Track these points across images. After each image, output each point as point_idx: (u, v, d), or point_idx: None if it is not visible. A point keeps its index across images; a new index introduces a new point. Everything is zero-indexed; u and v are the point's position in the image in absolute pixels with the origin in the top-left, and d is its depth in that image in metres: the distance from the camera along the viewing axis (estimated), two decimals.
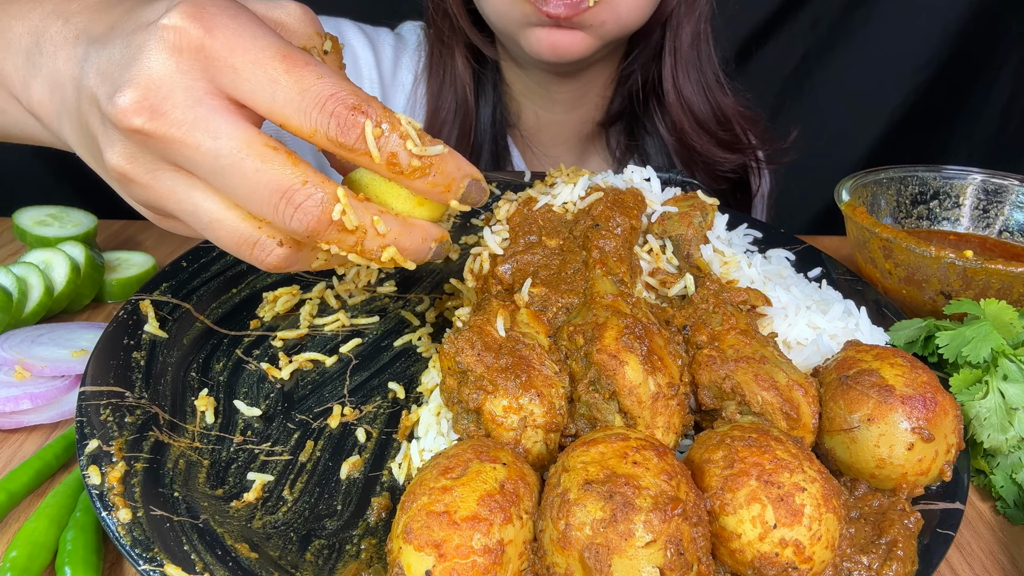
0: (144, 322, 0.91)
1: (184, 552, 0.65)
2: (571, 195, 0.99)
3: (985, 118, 2.23)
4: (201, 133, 0.58)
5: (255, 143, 0.59)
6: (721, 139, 1.46)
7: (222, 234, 0.63)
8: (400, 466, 0.80)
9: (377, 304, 1.05)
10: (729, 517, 0.62)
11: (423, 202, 0.66)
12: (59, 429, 0.89)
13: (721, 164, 1.48)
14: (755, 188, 1.58)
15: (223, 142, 0.58)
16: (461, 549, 0.57)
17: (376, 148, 0.59)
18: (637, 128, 1.54)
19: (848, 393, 0.74)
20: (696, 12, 1.39)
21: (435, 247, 0.68)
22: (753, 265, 0.95)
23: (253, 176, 0.58)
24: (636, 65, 1.46)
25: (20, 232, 1.20)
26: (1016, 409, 0.83)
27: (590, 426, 0.74)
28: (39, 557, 0.70)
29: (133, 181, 0.63)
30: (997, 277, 0.99)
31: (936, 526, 0.72)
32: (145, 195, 0.64)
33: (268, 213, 0.60)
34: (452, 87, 1.47)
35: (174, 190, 0.62)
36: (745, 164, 1.53)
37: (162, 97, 0.58)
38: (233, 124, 0.59)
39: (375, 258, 0.65)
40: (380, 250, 0.64)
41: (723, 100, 1.47)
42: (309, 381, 0.91)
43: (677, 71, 1.42)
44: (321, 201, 0.59)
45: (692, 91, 1.43)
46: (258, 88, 0.58)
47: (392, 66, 1.53)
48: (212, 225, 0.63)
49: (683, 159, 1.50)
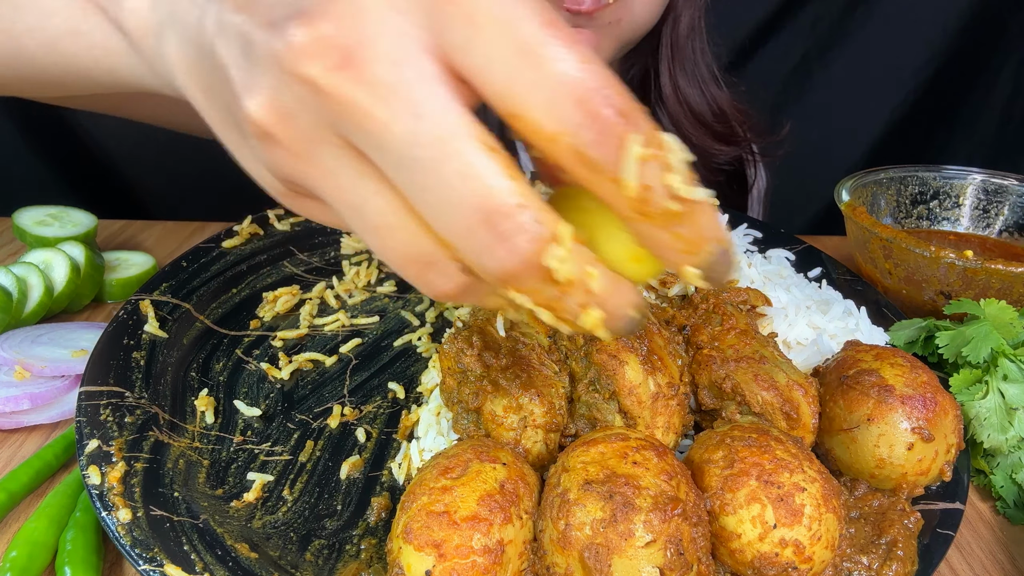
0: (144, 322, 0.91)
1: (184, 552, 0.65)
2: None
3: (985, 118, 2.23)
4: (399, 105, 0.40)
5: (469, 137, 0.40)
6: (717, 132, 1.46)
7: (392, 244, 0.46)
8: (400, 466, 0.80)
9: (377, 304, 1.05)
10: (729, 517, 0.62)
11: (641, 258, 0.47)
12: (59, 429, 0.89)
13: (717, 156, 1.48)
14: (751, 180, 1.58)
15: (425, 125, 0.40)
16: (461, 549, 0.57)
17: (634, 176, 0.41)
18: None
19: (848, 393, 0.74)
20: (694, 5, 1.39)
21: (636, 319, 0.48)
22: (753, 265, 0.95)
23: (454, 182, 0.40)
24: (635, 57, 1.46)
25: (20, 232, 1.20)
26: (1016, 409, 0.83)
27: (590, 426, 0.74)
28: (39, 557, 0.70)
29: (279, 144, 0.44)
30: (997, 277, 0.99)
31: (936, 526, 0.72)
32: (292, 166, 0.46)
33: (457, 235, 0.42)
34: None
35: (334, 172, 0.45)
36: (741, 156, 1.53)
37: (359, 41, 0.40)
38: (446, 103, 0.41)
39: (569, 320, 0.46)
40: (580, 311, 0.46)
41: (718, 93, 1.47)
42: (309, 381, 0.91)
43: (674, 63, 1.42)
44: (535, 238, 0.41)
45: (688, 84, 1.43)
46: (497, 59, 0.40)
47: None
48: (381, 230, 0.45)
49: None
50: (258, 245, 1.10)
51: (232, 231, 1.10)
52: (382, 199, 0.44)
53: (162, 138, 1.72)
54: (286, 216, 1.16)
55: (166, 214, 1.48)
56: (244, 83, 0.44)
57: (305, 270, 1.10)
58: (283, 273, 1.08)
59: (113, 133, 1.79)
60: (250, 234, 1.11)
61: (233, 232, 1.10)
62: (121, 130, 1.73)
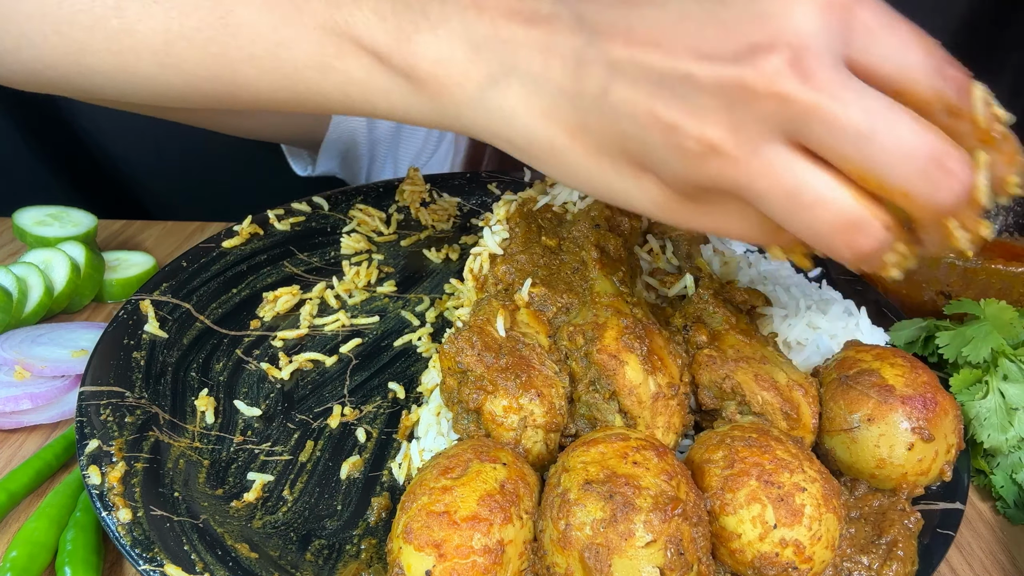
0: (144, 322, 0.91)
1: (184, 552, 0.65)
2: (571, 195, 0.99)
3: None
4: (849, 94, 0.52)
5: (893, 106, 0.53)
6: None
7: (826, 216, 0.55)
8: (400, 466, 0.80)
9: (377, 304, 1.05)
10: (729, 517, 0.62)
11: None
12: (59, 429, 0.89)
13: None
14: None
15: (871, 102, 0.52)
16: (461, 549, 0.57)
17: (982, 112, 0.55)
18: None
19: (848, 393, 0.74)
20: None
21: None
22: (753, 265, 0.95)
23: (909, 138, 0.52)
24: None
25: (20, 232, 1.20)
26: (1016, 409, 0.83)
27: (590, 426, 0.74)
28: (39, 557, 0.70)
29: (725, 155, 0.55)
30: (997, 277, 0.99)
31: (936, 526, 0.72)
32: (732, 171, 0.56)
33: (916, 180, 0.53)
34: None
35: (773, 164, 0.55)
36: None
37: (811, 56, 0.52)
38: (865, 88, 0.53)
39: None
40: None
41: None
42: (309, 381, 0.91)
43: None
44: (970, 169, 0.54)
45: None
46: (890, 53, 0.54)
47: None
48: (815, 204, 0.55)
49: None
50: (258, 245, 1.10)
51: (232, 231, 1.10)
52: (819, 179, 0.54)
53: (162, 138, 1.72)
54: (286, 216, 1.16)
55: (166, 214, 1.48)
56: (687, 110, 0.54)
57: (305, 270, 1.10)
58: (283, 273, 1.08)
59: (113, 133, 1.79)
60: (250, 234, 1.11)
61: (233, 232, 1.10)
62: (121, 130, 1.73)
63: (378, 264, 1.12)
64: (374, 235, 1.19)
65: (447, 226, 1.23)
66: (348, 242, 1.15)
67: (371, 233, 1.19)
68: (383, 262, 1.14)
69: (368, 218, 1.20)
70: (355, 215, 1.20)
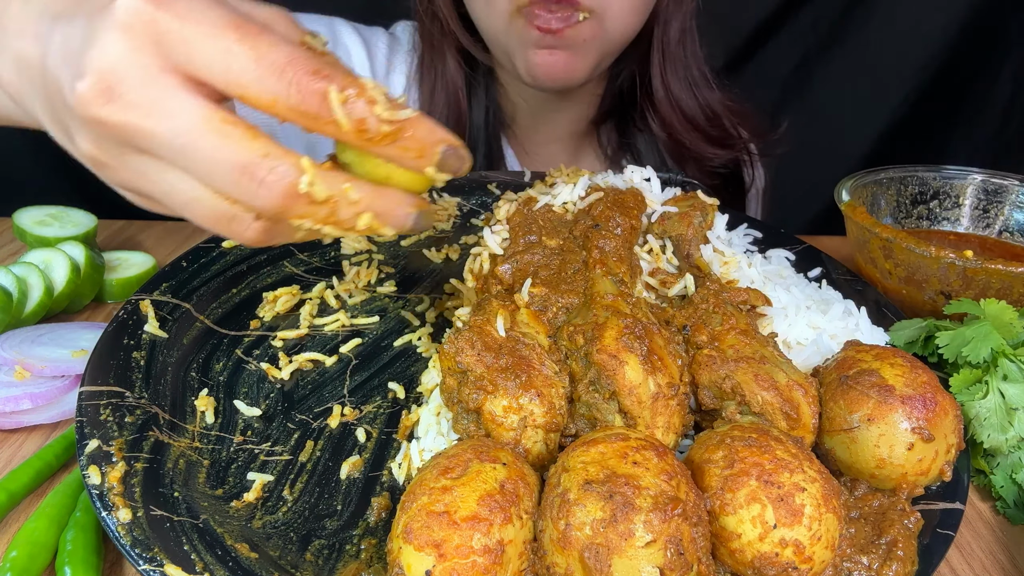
0: (144, 322, 0.91)
1: (184, 552, 0.65)
2: (571, 195, 0.99)
3: (985, 118, 2.23)
4: (157, 115, 0.57)
5: (212, 119, 0.57)
6: (710, 135, 1.47)
7: (200, 212, 0.62)
8: (400, 466, 0.80)
9: (377, 304, 1.05)
10: (729, 517, 0.62)
11: (404, 176, 0.64)
12: (59, 429, 0.89)
13: (711, 160, 1.48)
14: (748, 182, 1.58)
15: (179, 121, 0.57)
16: (461, 549, 0.57)
17: (343, 114, 0.57)
18: (628, 126, 1.55)
19: (848, 393, 0.74)
20: (683, 8, 1.39)
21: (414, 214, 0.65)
22: (753, 265, 0.95)
23: (212, 154, 0.57)
24: (625, 62, 1.46)
25: (20, 232, 1.20)
26: (1016, 409, 0.83)
27: (590, 426, 0.74)
28: (39, 557, 0.70)
29: (105, 165, 0.62)
30: (997, 277, 0.99)
31: (936, 526, 0.72)
32: (120, 178, 0.64)
33: (232, 190, 0.59)
34: (444, 91, 1.47)
35: (146, 172, 0.62)
36: (736, 159, 1.53)
37: (117, 80, 0.57)
38: (189, 102, 0.57)
39: (351, 227, 0.63)
40: (355, 218, 0.62)
41: (710, 96, 1.47)
42: (309, 381, 0.91)
43: (665, 68, 1.42)
44: (284, 174, 0.58)
45: (680, 87, 1.43)
46: (213, 60, 0.57)
47: (385, 68, 1.53)
48: (190, 204, 0.62)
49: (674, 156, 1.50)
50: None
51: None
52: (183, 182, 0.61)
53: None
54: None
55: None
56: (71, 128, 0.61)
57: (305, 270, 1.10)
58: (283, 273, 1.08)
59: None
60: None
61: None
62: None
63: (378, 264, 1.12)
64: (374, 235, 1.19)
65: (447, 226, 1.23)
66: (348, 242, 1.15)
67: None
68: (383, 262, 1.14)
69: None
70: None
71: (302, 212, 0.59)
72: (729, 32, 2.19)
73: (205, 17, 0.57)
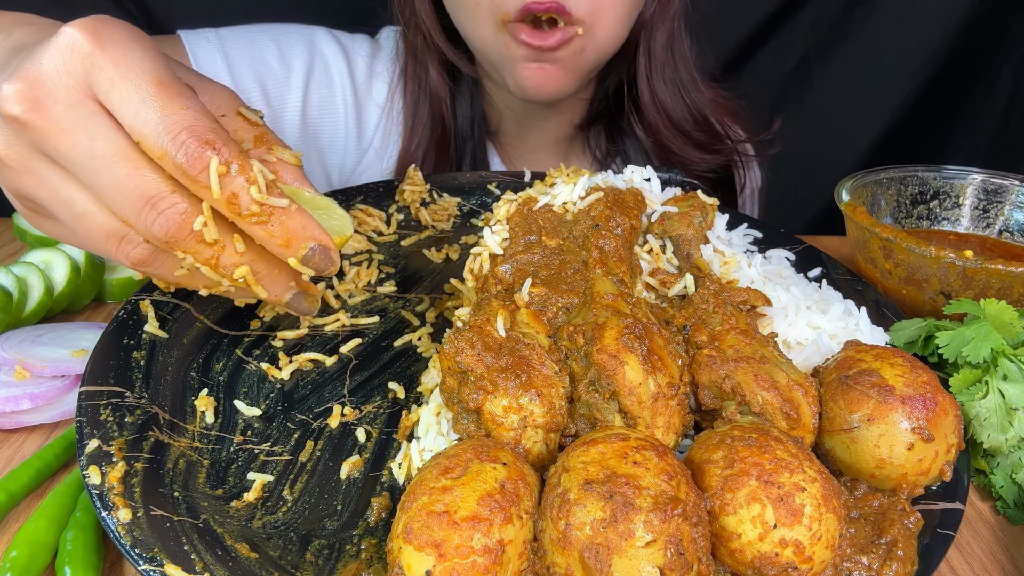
0: (144, 322, 0.91)
1: (184, 552, 0.65)
2: (571, 195, 0.99)
3: (985, 118, 2.23)
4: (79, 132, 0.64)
5: (130, 150, 0.64)
6: (696, 140, 1.46)
7: (92, 226, 0.68)
8: (400, 466, 0.80)
9: (377, 304, 1.05)
10: (729, 517, 0.62)
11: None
12: (59, 429, 0.89)
13: (697, 164, 1.48)
14: (739, 184, 1.58)
15: (98, 144, 0.64)
16: (461, 549, 0.57)
17: (217, 184, 0.64)
18: (616, 130, 1.55)
19: (848, 393, 0.74)
20: (670, 12, 1.39)
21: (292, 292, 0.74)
22: (753, 265, 0.95)
23: (123, 179, 0.64)
24: (613, 67, 1.46)
25: (20, 232, 1.20)
26: (1016, 409, 0.83)
27: (590, 426, 0.74)
28: (39, 557, 0.70)
29: (7, 166, 0.68)
30: (997, 277, 0.99)
31: (936, 526, 0.72)
32: (20, 182, 0.68)
33: (132, 215, 0.65)
34: (427, 100, 1.46)
35: (48, 179, 0.67)
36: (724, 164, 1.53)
37: (46, 92, 0.64)
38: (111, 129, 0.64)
39: (227, 274, 0.70)
40: (234, 268, 0.69)
41: (699, 98, 1.46)
42: (309, 381, 0.91)
43: (651, 72, 1.42)
44: (184, 211, 0.65)
45: (665, 91, 1.43)
46: (126, 102, 0.63)
47: (367, 75, 1.50)
48: (84, 217, 0.68)
49: (660, 159, 1.50)
50: None
51: None
52: (82, 195, 0.67)
53: None
54: None
55: None
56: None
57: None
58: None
59: None
60: None
61: None
62: None
63: (378, 264, 1.12)
64: (374, 235, 1.19)
65: (447, 226, 1.23)
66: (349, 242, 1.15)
67: (371, 233, 1.19)
68: (383, 262, 1.14)
69: (368, 218, 1.20)
70: (355, 215, 1.20)
71: (190, 248, 0.67)
72: (729, 32, 2.19)
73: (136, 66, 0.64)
